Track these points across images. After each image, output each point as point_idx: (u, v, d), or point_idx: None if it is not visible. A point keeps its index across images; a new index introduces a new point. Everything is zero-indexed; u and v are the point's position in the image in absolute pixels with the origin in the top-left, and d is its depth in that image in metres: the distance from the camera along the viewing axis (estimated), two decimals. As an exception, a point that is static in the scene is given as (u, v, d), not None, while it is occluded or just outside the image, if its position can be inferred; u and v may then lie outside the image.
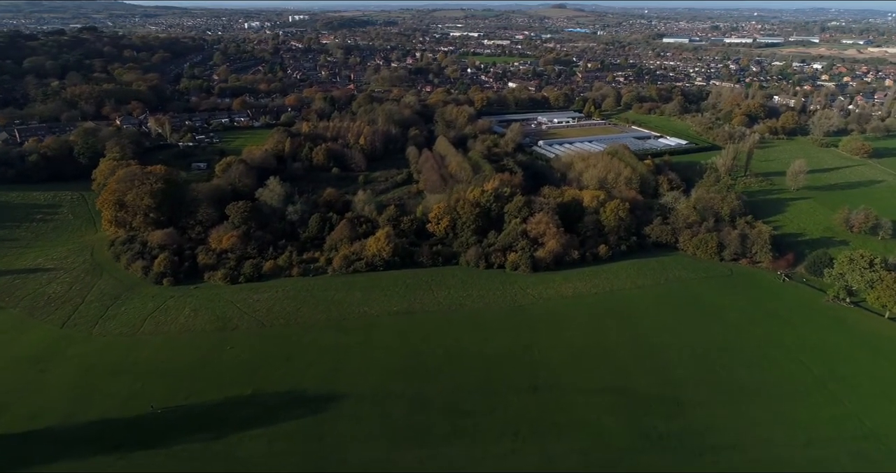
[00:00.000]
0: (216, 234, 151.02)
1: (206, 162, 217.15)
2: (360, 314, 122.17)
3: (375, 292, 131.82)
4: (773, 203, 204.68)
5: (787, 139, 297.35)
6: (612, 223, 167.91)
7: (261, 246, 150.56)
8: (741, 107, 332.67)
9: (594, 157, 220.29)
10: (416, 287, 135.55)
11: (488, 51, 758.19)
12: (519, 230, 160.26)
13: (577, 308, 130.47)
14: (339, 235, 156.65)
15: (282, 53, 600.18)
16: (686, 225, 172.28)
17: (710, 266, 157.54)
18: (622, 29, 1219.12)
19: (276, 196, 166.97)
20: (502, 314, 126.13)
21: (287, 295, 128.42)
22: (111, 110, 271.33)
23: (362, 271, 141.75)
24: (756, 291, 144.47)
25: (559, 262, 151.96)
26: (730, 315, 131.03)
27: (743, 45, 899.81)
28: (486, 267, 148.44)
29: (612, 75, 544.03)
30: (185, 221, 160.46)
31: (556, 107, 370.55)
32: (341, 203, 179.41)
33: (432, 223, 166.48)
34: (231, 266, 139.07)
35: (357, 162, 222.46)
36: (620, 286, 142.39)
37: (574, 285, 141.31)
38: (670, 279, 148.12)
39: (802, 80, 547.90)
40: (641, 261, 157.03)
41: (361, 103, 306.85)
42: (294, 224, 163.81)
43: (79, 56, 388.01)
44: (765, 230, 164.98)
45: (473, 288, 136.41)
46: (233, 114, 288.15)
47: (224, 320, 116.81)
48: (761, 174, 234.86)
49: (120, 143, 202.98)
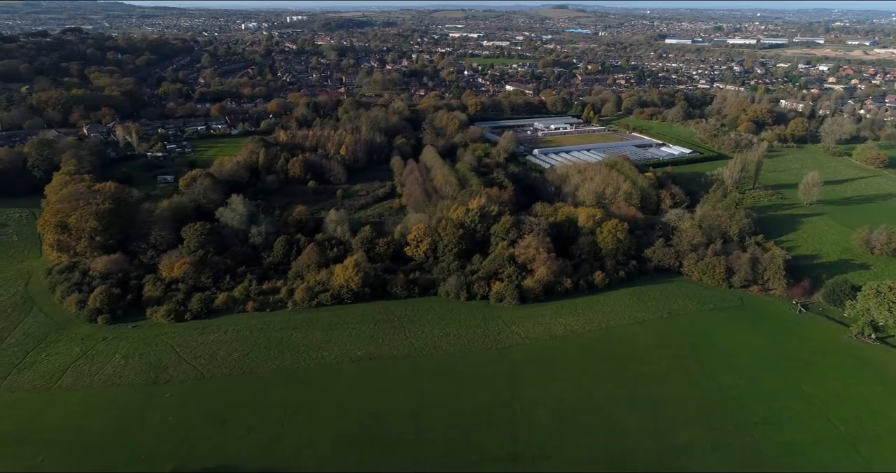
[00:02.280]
0: (167, 261, 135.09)
1: (175, 174, 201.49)
2: (317, 360, 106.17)
3: (339, 331, 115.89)
4: (785, 220, 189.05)
5: (796, 147, 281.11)
6: (609, 245, 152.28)
7: (217, 275, 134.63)
8: (747, 112, 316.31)
9: (592, 169, 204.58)
10: (387, 324, 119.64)
11: (487, 52, 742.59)
12: (506, 255, 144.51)
13: (568, 350, 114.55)
14: (305, 261, 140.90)
15: (273, 55, 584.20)
16: (691, 247, 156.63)
17: (717, 294, 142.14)
18: (624, 30, 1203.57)
19: (239, 216, 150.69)
20: (482, 359, 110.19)
21: (237, 335, 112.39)
22: (79, 117, 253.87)
23: (327, 305, 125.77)
24: (770, 326, 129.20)
25: (550, 292, 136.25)
26: (741, 358, 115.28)
27: (746, 46, 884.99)
28: (468, 299, 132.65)
29: (612, 78, 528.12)
30: (137, 245, 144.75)
31: (553, 112, 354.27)
32: (312, 222, 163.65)
33: (411, 246, 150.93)
34: (178, 299, 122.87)
35: (336, 174, 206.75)
36: (618, 321, 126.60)
37: (566, 320, 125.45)
38: (674, 311, 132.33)
39: (809, 83, 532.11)
40: (642, 289, 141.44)
41: (347, 109, 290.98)
42: (258, 248, 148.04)
43: (56, 59, 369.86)
44: (778, 254, 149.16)
45: (451, 326, 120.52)
46: (210, 121, 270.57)
47: (158, 370, 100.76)
48: (771, 186, 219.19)
49: (77, 155, 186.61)
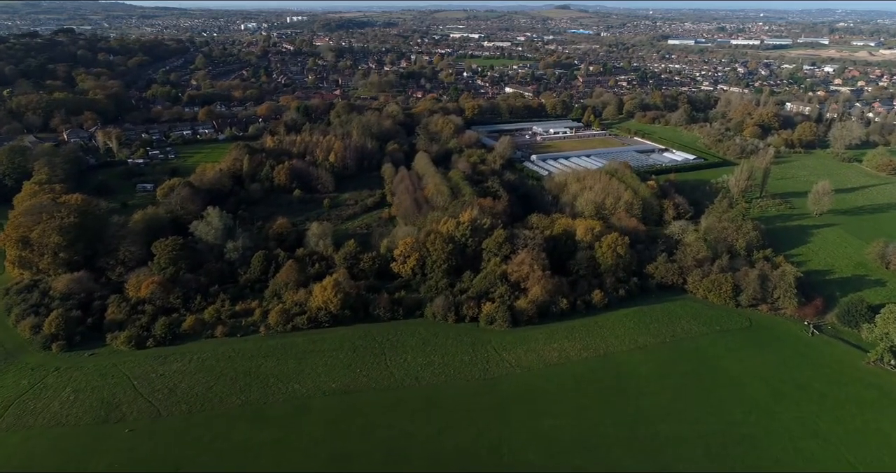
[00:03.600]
0: (135, 279, 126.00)
1: (155, 182, 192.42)
2: (287, 394, 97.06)
3: (314, 359, 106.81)
4: (794, 231, 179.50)
5: (804, 153, 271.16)
6: (608, 261, 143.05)
7: (187, 295, 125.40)
8: (753, 116, 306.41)
9: (591, 177, 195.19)
10: (366, 351, 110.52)
11: (487, 53, 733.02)
12: (498, 272, 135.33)
13: (562, 381, 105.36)
14: (283, 279, 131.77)
15: (270, 56, 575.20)
16: (695, 262, 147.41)
17: (724, 314, 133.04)
18: (626, 30, 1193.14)
19: (214, 230, 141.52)
20: (468, 391, 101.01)
21: (201, 365, 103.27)
22: (60, 122, 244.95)
23: (303, 328, 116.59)
24: (781, 350, 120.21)
25: (544, 313, 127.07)
26: (751, 388, 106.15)
27: (750, 46, 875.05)
28: (457, 321, 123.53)
29: (614, 79, 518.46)
30: (105, 262, 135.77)
31: (552, 116, 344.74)
32: (294, 236, 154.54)
33: (398, 262, 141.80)
34: (142, 324, 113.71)
35: (324, 182, 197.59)
36: (617, 346, 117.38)
37: (560, 345, 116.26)
38: (678, 335, 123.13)
39: (814, 85, 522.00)
40: (643, 310, 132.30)
41: (340, 113, 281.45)
42: (234, 264, 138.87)
43: (43, 60, 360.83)
44: (789, 271, 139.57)
45: (436, 353, 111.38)
46: (196, 126, 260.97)
47: (110, 407, 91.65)
48: (778, 195, 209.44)
49: (50, 163, 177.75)
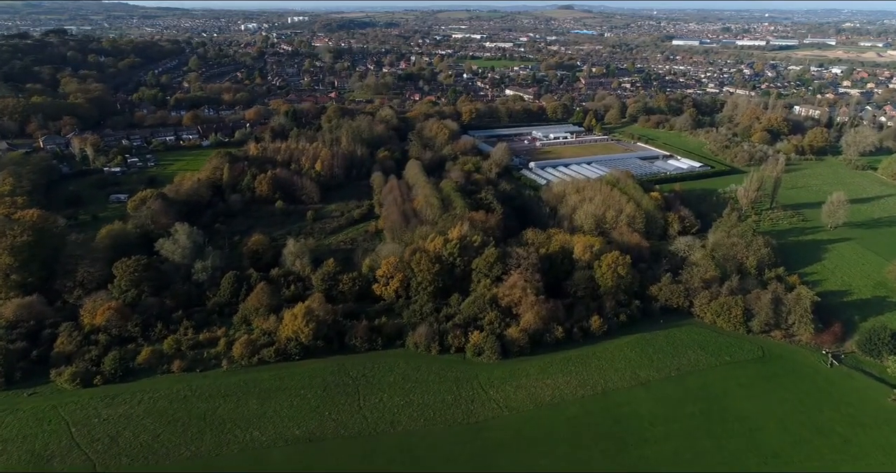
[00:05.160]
0: (90, 305, 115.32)
1: (130, 192, 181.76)
2: (244, 443, 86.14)
3: (278, 400, 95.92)
4: (808, 247, 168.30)
5: (815, 160, 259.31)
6: (608, 282, 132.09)
7: (147, 322, 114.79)
8: (761, 120, 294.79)
9: (591, 188, 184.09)
10: (338, 389, 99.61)
11: (488, 54, 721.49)
12: (488, 296, 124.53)
13: (555, 425, 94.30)
14: (254, 303, 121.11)
15: (266, 57, 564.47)
16: (703, 283, 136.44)
17: (734, 342, 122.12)
18: (630, 30, 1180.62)
19: (181, 249, 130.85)
20: (450, 439, 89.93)
21: (152, 408, 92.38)
22: (36, 128, 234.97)
23: (271, 362, 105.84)
24: (797, 386, 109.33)
25: (537, 343, 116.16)
26: (766, 432, 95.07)
27: (756, 47, 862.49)
28: (441, 352, 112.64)
29: (617, 81, 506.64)
30: (61, 284, 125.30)
31: (553, 120, 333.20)
32: (271, 253, 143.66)
33: (380, 283, 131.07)
34: (92, 357, 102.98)
35: (308, 192, 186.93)
36: (617, 382, 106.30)
37: (554, 381, 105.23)
38: (683, 368, 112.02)
39: (823, 87, 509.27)
40: (645, 338, 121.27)
41: (331, 117, 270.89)
42: (202, 285, 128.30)
43: (28, 62, 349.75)
44: (805, 295, 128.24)
45: (416, 391, 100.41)
46: (180, 131, 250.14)
47: (40, 460, 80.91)
48: (789, 206, 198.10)
49: (16, 173, 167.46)
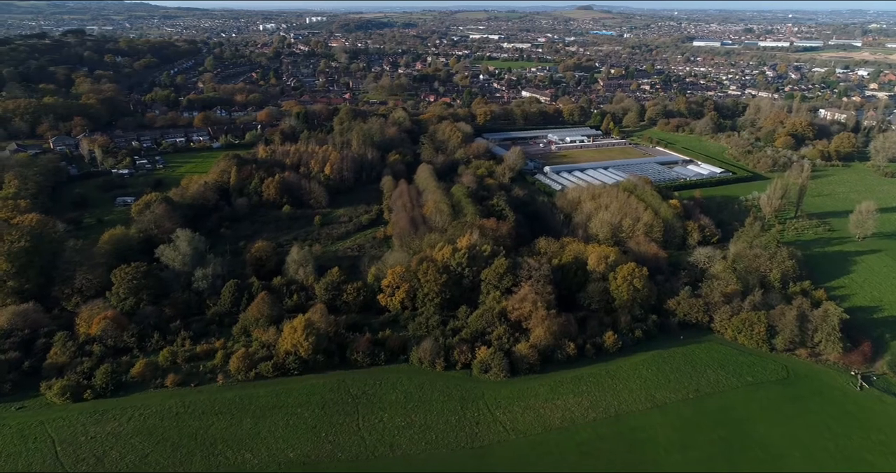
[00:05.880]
0: (87, 313, 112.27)
1: (137, 195, 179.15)
2: (235, 466, 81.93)
3: (274, 418, 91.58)
4: (835, 259, 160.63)
5: (842, 166, 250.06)
6: (624, 295, 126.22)
7: (143, 332, 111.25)
8: (785, 124, 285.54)
9: (607, 194, 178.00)
10: (337, 407, 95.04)
11: (506, 55, 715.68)
12: (497, 310, 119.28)
13: (565, 451, 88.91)
14: (254, 314, 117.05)
15: (282, 58, 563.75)
16: (723, 297, 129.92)
17: (756, 361, 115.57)
18: (650, 31, 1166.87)
19: (182, 256, 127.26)
20: (452, 464, 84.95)
21: (142, 425, 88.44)
22: (47, 128, 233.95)
23: (268, 377, 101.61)
24: (824, 410, 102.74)
25: (548, 360, 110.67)
26: (790, 462, 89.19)
27: (779, 48, 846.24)
28: (446, 368, 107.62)
29: (636, 83, 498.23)
30: (59, 290, 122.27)
31: (569, 123, 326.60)
32: (275, 260, 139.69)
33: (385, 294, 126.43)
34: (84, 369, 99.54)
35: (316, 196, 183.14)
36: (631, 404, 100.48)
37: (565, 402, 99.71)
38: (703, 389, 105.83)
39: (849, 90, 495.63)
40: (662, 355, 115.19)
41: (343, 119, 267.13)
42: (202, 294, 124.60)
43: (44, 62, 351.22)
44: (833, 312, 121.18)
45: (419, 410, 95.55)
46: (191, 133, 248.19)
47: (22, 482, 77.75)
48: (815, 215, 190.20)
49: (21, 175, 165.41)
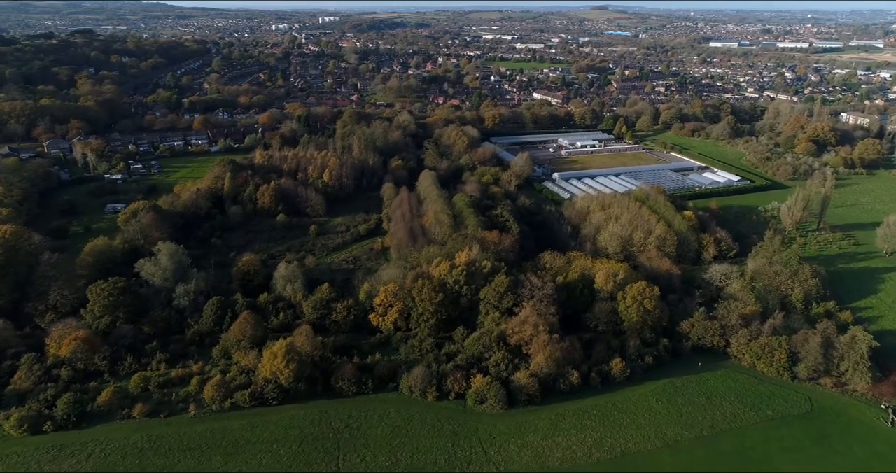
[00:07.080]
0: (57, 333, 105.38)
1: (128, 202, 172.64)
2: (198, 513, 74.60)
3: (246, 456, 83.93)
4: (861, 276, 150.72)
5: (866, 174, 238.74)
6: (633, 317, 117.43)
7: (116, 354, 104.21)
8: (806, 130, 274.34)
9: (618, 205, 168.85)
10: (316, 444, 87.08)
11: (518, 56, 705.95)
12: (495, 333, 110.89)
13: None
14: (237, 334, 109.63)
15: (291, 58, 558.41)
16: (741, 320, 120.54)
17: (777, 391, 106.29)
18: (666, 32, 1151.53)
19: (163, 270, 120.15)
20: (437, 514, 77.00)
21: (102, 463, 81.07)
22: (43, 131, 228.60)
23: (245, 407, 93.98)
24: (851, 449, 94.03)
25: (549, 389, 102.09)
26: (818, 515, 79.64)
27: (798, 49, 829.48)
28: (438, 398, 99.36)
29: (651, 85, 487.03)
30: (33, 307, 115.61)
31: (581, 126, 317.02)
32: (263, 275, 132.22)
33: (377, 313, 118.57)
34: (47, 397, 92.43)
35: (313, 204, 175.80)
36: (639, 443, 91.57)
37: (566, 440, 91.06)
38: (718, 425, 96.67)
39: (871, 92, 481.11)
40: (674, 384, 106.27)
41: (347, 122, 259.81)
42: (183, 312, 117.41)
43: (49, 62, 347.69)
44: (861, 338, 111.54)
45: (405, 448, 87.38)
46: (189, 136, 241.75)
47: (-40, 531, 70.80)
48: (838, 227, 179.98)
49: (7, 181, 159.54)
